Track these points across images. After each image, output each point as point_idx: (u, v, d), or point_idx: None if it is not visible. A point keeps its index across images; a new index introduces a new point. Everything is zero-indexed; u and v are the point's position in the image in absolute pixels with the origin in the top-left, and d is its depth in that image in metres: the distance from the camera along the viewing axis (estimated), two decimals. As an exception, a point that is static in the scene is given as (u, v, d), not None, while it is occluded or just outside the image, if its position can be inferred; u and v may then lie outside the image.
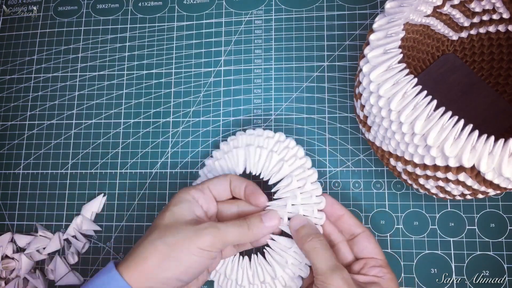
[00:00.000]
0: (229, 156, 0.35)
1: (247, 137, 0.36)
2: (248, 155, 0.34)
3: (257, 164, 0.34)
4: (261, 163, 0.34)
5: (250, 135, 0.36)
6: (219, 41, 0.43)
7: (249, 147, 0.34)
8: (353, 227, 0.32)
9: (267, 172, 0.34)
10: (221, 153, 0.36)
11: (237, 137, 0.36)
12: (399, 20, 0.27)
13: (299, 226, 0.31)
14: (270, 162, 0.34)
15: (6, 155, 0.43)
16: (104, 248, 0.39)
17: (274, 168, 0.34)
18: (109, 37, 0.44)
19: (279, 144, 0.34)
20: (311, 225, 0.31)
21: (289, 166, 0.33)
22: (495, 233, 0.35)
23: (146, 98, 0.42)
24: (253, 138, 0.35)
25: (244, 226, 0.30)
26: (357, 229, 0.32)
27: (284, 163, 0.33)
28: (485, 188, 0.25)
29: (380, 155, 0.31)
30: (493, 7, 0.33)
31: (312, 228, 0.31)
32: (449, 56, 0.37)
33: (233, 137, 0.37)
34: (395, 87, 0.25)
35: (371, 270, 0.30)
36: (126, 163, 0.41)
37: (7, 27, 0.47)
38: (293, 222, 0.31)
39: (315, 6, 0.42)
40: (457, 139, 0.23)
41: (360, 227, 0.32)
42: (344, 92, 0.40)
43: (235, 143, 0.36)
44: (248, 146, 0.35)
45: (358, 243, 0.32)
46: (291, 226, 0.31)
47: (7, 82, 0.45)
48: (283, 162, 0.33)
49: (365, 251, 0.31)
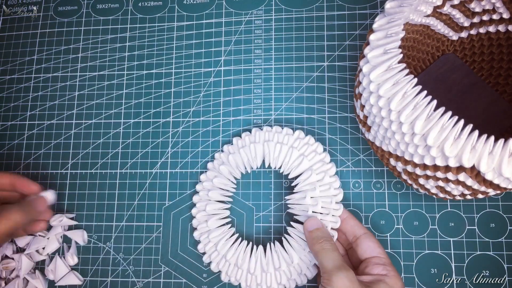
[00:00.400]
0: (245, 150, 0.37)
1: (266, 133, 0.37)
2: (268, 150, 0.36)
3: (277, 158, 0.36)
4: (281, 158, 0.36)
5: (268, 132, 0.37)
6: (219, 41, 0.43)
7: (269, 142, 0.36)
8: (355, 229, 0.33)
9: (287, 166, 0.36)
10: (235, 147, 0.37)
11: (254, 134, 0.37)
12: (399, 20, 0.27)
13: (314, 228, 0.32)
14: (291, 157, 0.35)
15: (6, 155, 0.43)
16: (104, 248, 0.39)
17: (294, 162, 0.35)
18: (109, 37, 0.44)
19: (299, 140, 0.36)
20: (325, 230, 0.32)
21: (309, 161, 0.35)
22: (495, 233, 0.35)
23: (146, 98, 0.42)
24: (271, 135, 0.36)
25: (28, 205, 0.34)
26: (359, 231, 0.33)
27: (304, 158, 0.35)
28: (485, 188, 0.25)
29: (380, 155, 0.31)
30: (493, 7, 0.33)
31: (325, 232, 0.32)
32: (449, 56, 0.37)
33: (248, 133, 0.38)
34: (395, 87, 0.25)
35: (375, 268, 0.30)
36: (126, 163, 0.41)
37: (7, 27, 0.47)
38: (308, 223, 0.32)
39: (315, 6, 0.42)
40: (457, 139, 0.23)
41: (362, 229, 0.33)
42: (344, 92, 0.40)
43: (252, 138, 0.37)
44: (267, 142, 0.36)
45: (361, 244, 0.32)
46: (306, 226, 0.32)
47: (7, 82, 0.45)
48: (303, 157, 0.35)
49: (368, 251, 0.32)
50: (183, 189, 0.39)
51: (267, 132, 0.37)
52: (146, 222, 0.39)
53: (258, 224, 0.38)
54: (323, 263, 0.29)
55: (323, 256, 0.30)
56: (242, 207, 0.38)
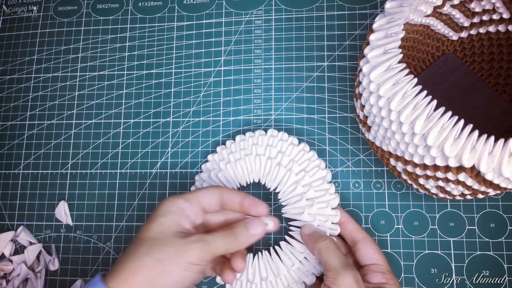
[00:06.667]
0: (237, 165, 0.35)
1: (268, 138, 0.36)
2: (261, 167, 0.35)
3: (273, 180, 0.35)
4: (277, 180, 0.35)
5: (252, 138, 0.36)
6: (219, 41, 0.43)
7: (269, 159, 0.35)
8: (354, 233, 0.33)
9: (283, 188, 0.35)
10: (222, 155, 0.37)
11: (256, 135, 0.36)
12: (399, 20, 0.27)
13: (311, 232, 0.32)
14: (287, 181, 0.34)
15: (6, 155, 0.43)
16: (104, 248, 0.39)
17: (290, 187, 0.34)
18: (109, 37, 0.44)
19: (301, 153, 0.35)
20: (321, 231, 0.32)
21: (310, 177, 0.34)
22: (495, 233, 0.35)
23: (146, 98, 0.42)
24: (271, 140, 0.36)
25: (231, 236, 0.29)
26: (359, 235, 0.32)
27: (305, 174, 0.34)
28: (485, 188, 0.25)
29: (380, 155, 0.31)
30: (493, 7, 0.33)
31: (324, 234, 0.32)
32: (449, 56, 0.37)
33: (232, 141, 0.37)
34: (395, 87, 0.25)
35: (374, 276, 0.30)
36: (126, 163, 0.41)
37: (7, 27, 0.47)
38: (304, 228, 0.32)
39: (315, 6, 0.42)
40: (457, 139, 0.23)
41: (361, 233, 0.32)
42: (344, 92, 0.40)
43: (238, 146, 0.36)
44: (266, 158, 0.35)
45: (360, 249, 0.32)
46: (303, 232, 0.32)
47: (7, 82, 0.45)
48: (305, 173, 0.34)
49: (367, 257, 0.31)
50: (183, 189, 0.39)
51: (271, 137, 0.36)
52: (146, 222, 0.39)
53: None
54: (328, 261, 0.28)
55: (328, 254, 0.29)
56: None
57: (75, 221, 0.40)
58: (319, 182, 0.34)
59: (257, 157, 0.35)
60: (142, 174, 0.40)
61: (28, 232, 0.40)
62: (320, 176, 0.34)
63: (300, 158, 0.35)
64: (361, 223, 0.36)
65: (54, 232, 0.40)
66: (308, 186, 0.33)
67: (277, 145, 0.35)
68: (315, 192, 0.33)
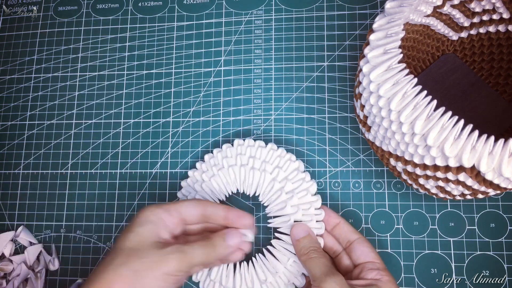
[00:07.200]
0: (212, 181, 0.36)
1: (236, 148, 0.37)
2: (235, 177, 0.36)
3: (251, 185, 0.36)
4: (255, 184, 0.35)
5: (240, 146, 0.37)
6: (219, 41, 0.43)
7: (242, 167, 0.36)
8: (349, 234, 0.33)
9: (262, 190, 0.35)
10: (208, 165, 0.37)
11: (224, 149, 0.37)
12: (399, 20, 0.27)
13: (301, 237, 0.32)
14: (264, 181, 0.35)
15: (6, 155, 0.43)
16: (104, 248, 0.39)
17: (268, 186, 0.35)
18: (109, 37, 0.44)
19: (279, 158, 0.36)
20: (312, 237, 0.32)
21: (284, 172, 0.35)
22: (495, 233, 0.35)
23: (146, 98, 0.42)
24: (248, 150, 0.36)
25: (209, 247, 0.29)
26: (353, 236, 0.33)
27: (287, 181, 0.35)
28: (485, 188, 0.25)
29: (380, 155, 0.31)
30: (493, 7, 0.33)
31: (313, 240, 0.32)
32: (449, 56, 0.37)
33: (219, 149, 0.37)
34: (395, 87, 0.25)
35: (369, 273, 0.30)
36: (126, 163, 0.41)
37: (7, 27, 0.47)
38: (295, 230, 0.32)
39: (315, 6, 0.42)
40: (457, 139, 0.23)
41: (355, 233, 0.33)
42: (344, 92, 0.40)
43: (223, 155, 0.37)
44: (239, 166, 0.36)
45: (354, 249, 0.32)
46: (293, 233, 0.32)
47: (7, 82, 0.45)
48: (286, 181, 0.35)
49: (362, 256, 0.32)
50: (183, 189, 0.39)
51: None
52: (146, 222, 0.39)
53: (258, 224, 0.38)
54: (311, 271, 0.30)
55: (311, 264, 0.30)
56: (241, 207, 0.38)
57: (75, 221, 0.40)
58: (293, 174, 0.35)
59: (230, 169, 0.36)
60: (142, 174, 0.40)
61: (28, 232, 0.40)
62: (294, 168, 0.35)
63: (270, 157, 0.36)
64: (361, 223, 0.36)
65: (54, 232, 0.40)
66: (285, 181, 0.34)
67: (246, 152, 0.36)
68: (292, 184, 0.34)
